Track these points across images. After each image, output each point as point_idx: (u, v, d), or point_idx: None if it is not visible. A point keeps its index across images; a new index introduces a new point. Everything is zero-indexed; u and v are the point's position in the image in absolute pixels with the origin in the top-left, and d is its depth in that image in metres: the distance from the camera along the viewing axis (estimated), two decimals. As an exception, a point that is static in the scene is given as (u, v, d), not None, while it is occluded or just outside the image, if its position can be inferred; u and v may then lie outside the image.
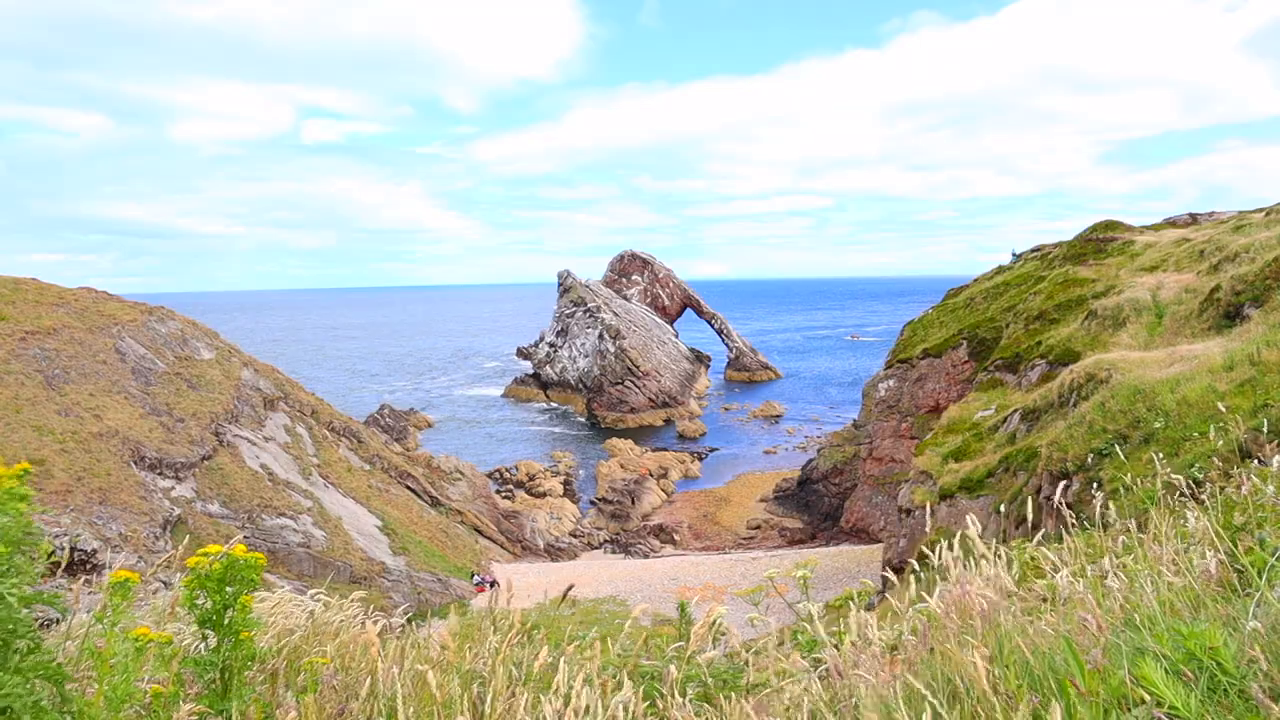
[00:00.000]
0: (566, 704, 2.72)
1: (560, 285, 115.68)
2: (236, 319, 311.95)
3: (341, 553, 34.37)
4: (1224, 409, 9.44)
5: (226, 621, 2.47)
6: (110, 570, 2.47)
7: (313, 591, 3.92)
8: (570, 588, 4.50)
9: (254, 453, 38.03)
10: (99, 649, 2.26)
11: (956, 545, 3.34)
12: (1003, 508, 14.26)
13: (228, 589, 2.49)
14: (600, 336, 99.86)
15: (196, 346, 43.34)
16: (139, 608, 3.56)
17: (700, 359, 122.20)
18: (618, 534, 52.54)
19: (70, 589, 2.97)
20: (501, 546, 46.89)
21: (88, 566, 23.24)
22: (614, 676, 3.14)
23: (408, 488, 46.59)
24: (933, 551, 3.44)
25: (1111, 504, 3.80)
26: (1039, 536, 3.90)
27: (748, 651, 3.58)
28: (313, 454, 42.20)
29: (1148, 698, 1.88)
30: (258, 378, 44.39)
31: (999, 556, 3.35)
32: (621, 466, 66.33)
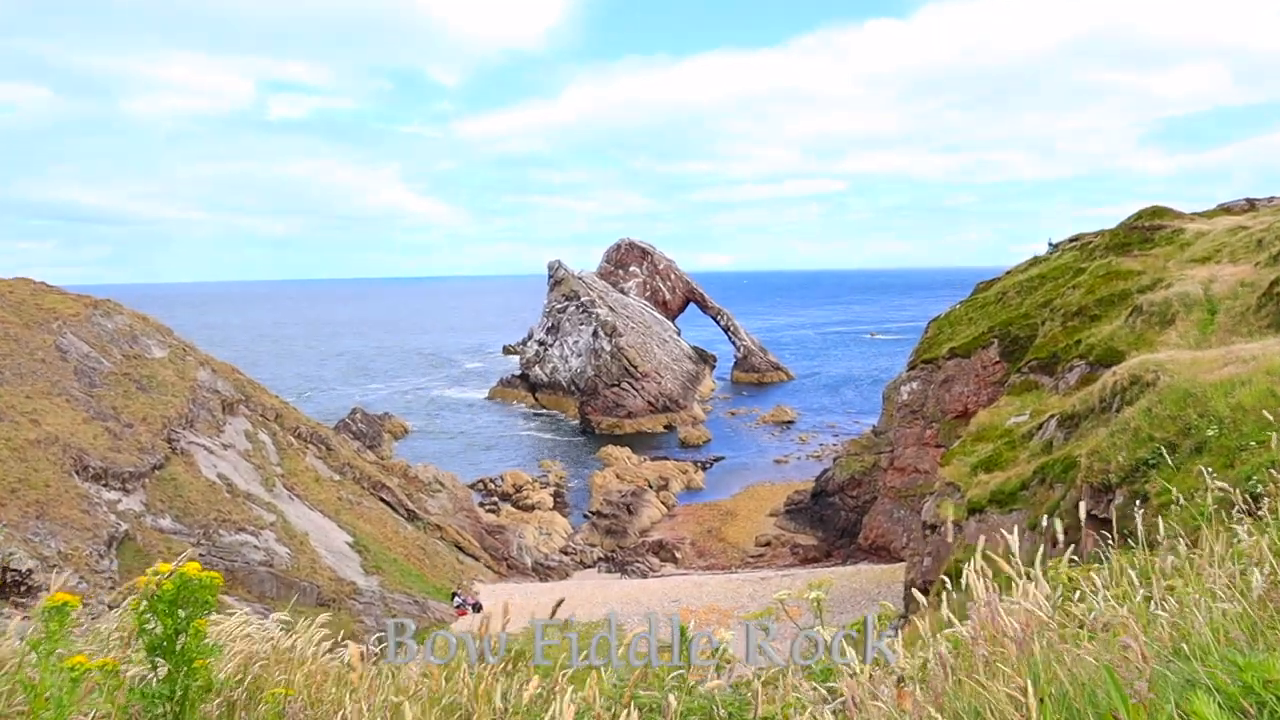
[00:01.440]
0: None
1: (551, 277, 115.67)
2: (202, 313, 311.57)
3: (308, 572, 34.33)
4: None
5: (178, 648, 2.46)
6: (48, 593, 2.46)
7: (275, 615, 3.91)
8: (560, 602, 4.51)
9: (211, 461, 37.97)
10: (32, 681, 2.24)
11: (981, 563, 3.34)
12: (1041, 523, 14.27)
13: (180, 612, 2.48)
14: (595, 334, 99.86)
15: (147, 344, 43.27)
16: (82, 634, 3.54)
17: (704, 359, 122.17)
18: (613, 551, 52.54)
19: (3, 613, 2.96)
20: (485, 565, 46.88)
21: (22, 589, 23.19)
22: (609, 709, 3.14)
23: (382, 500, 46.56)
24: (959, 571, 3.43)
25: (1159, 520, 3.81)
26: (1069, 553, 3.90)
27: (756, 680, 3.57)
28: (276, 463, 42.15)
29: (1199, 734, 1.87)
30: (215, 379, 44.33)
31: (1032, 577, 3.35)
32: (617, 477, 66.31)
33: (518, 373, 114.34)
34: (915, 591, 4.07)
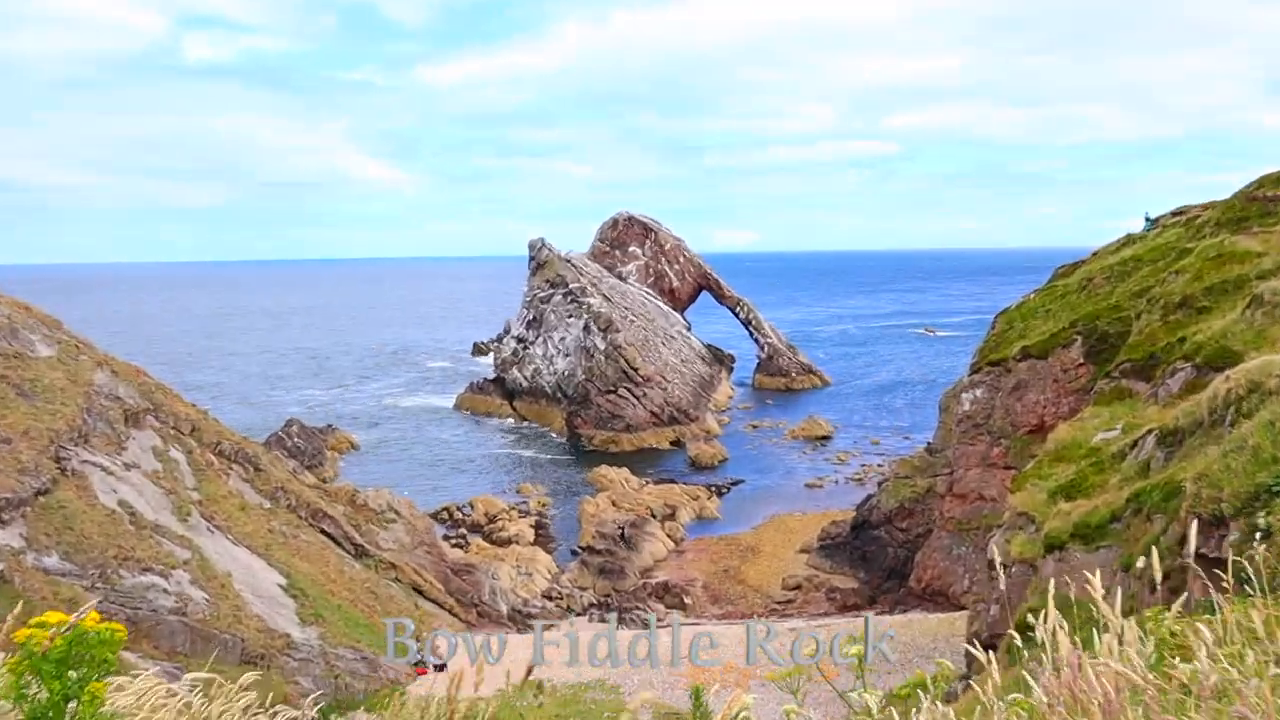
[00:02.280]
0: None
1: (532, 259, 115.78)
2: (106, 301, 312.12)
3: (230, 622, 34.33)
4: None
5: (68, 718, 2.46)
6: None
7: (190, 676, 3.90)
8: (531, 669, 4.51)
9: (110, 485, 37.98)
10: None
11: (1058, 612, 3.33)
12: (1136, 563, 14.26)
13: (71, 673, 2.47)
14: (585, 328, 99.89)
15: (30, 340, 43.29)
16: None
17: (720, 359, 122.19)
18: (608, 596, 52.55)
19: None
20: (450, 612, 46.94)
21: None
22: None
23: (323, 533, 46.58)
24: (1037, 621, 3.43)
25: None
26: (1173, 602, 3.89)
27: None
28: (192, 487, 42.16)
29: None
30: (117, 383, 44.35)
31: (1124, 630, 3.34)
32: (613, 504, 66.30)
33: (491, 376, 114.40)
34: (976, 647, 4.07)
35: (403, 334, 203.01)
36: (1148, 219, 54.22)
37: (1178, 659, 3.39)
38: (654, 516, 64.11)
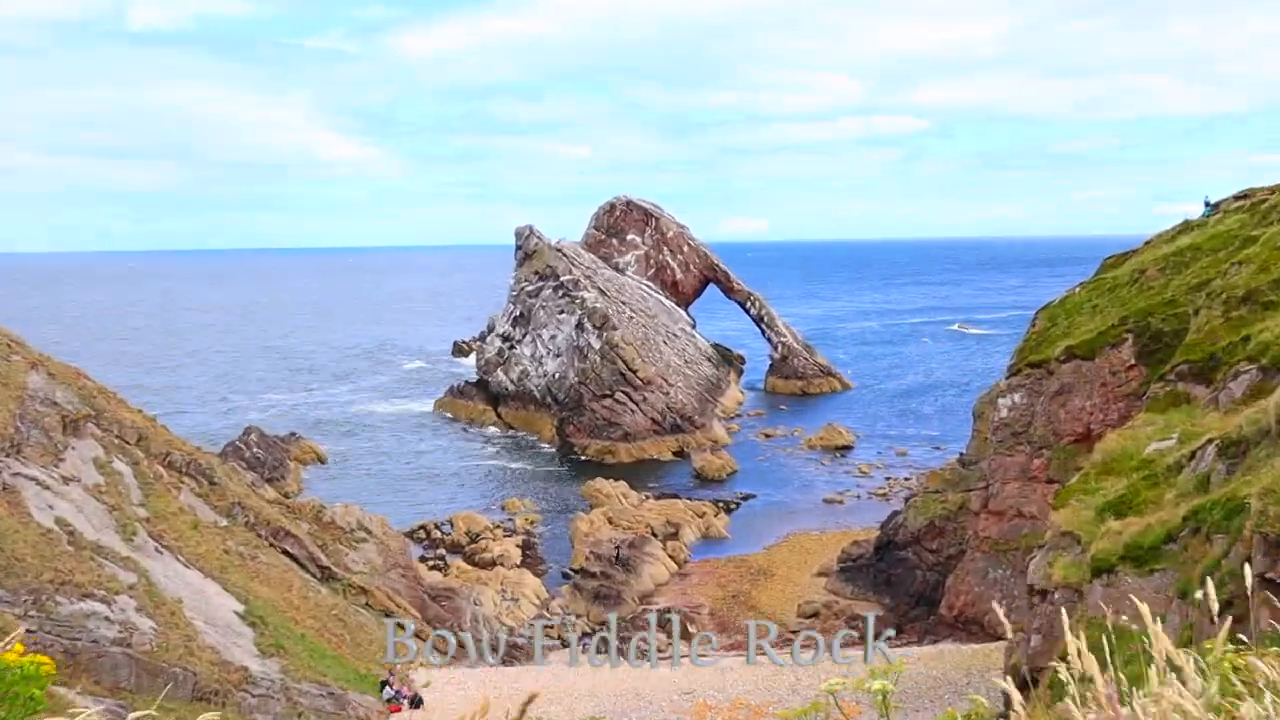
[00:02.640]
0: None
1: (519, 248, 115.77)
2: (27, 295, 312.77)
3: (180, 654, 34.31)
4: None
5: (-13, 763, 2.43)
6: None
7: (135, 715, 3.87)
8: (531, 698, 4.48)
9: (45, 500, 37.95)
10: None
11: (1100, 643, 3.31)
12: (1195, 589, 14.26)
13: (-9, 713, 2.45)
14: (579, 326, 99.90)
15: (-38, 337, 43.31)
16: None
17: (728, 360, 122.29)
18: (603, 624, 52.50)
19: None
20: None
21: None
22: None
23: (285, 553, 46.56)
24: (1081, 654, 3.42)
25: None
26: (1232, 631, 3.86)
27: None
28: (139, 503, 42.14)
29: None
30: (53, 386, 44.34)
31: (1181, 665, 3.32)
32: (609, 521, 66.25)
33: (473, 378, 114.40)
34: (1009, 685, 4.05)
35: (376, 331, 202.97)
36: (1208, 203, 54.29)
37: (1242, 697, 3.37)
38: (655, 535, 64.05)
